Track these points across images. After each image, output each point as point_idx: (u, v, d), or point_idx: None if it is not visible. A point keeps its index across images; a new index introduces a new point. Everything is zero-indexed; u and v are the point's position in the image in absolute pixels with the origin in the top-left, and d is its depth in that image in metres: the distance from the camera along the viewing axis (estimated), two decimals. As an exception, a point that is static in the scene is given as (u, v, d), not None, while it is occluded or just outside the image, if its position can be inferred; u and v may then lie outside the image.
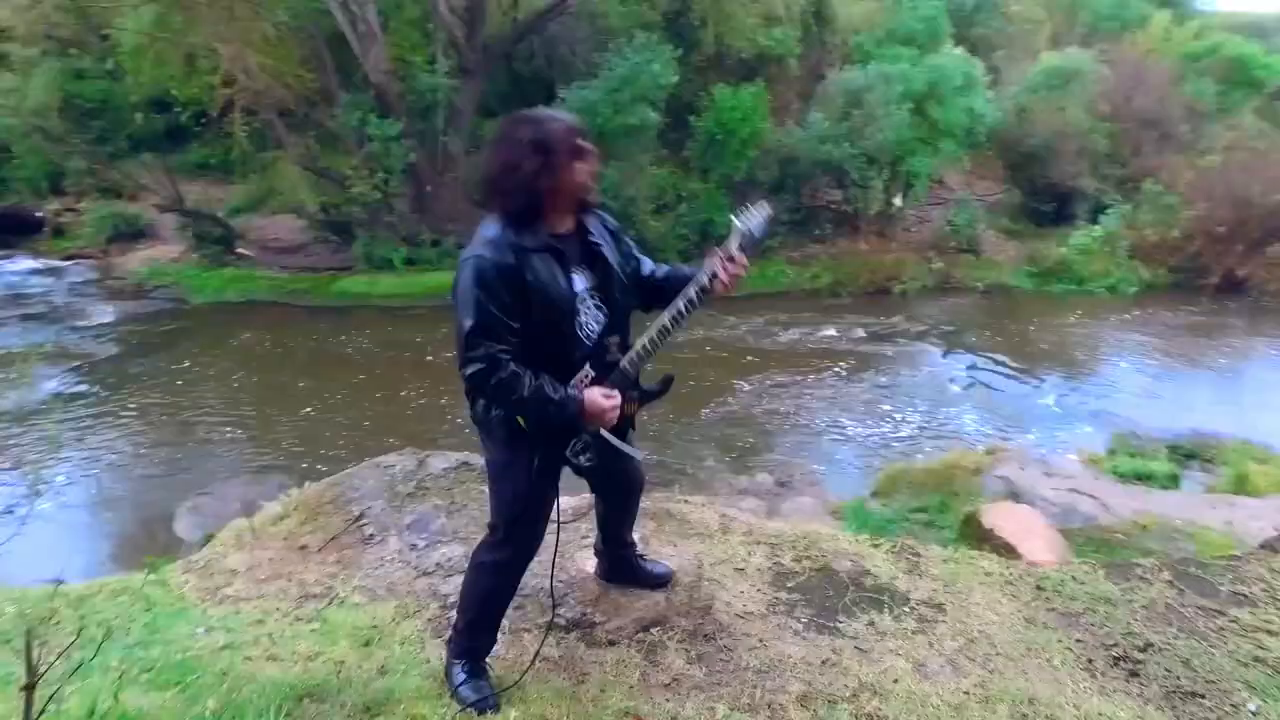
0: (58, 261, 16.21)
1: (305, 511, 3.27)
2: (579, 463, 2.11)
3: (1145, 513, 6.15)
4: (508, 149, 1.98)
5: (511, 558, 2.20)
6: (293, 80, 13.56)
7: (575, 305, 2.05)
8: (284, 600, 2.69)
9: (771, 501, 7.06)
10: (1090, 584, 2.83)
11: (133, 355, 11.49)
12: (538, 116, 2.03)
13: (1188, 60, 19.78)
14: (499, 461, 2.15)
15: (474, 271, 1.93)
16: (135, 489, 7.87)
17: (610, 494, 2.51)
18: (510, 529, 2.17)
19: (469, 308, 1.92)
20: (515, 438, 2.05)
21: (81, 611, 2.51)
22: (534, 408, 1.96)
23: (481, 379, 1.93)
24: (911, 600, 2.71)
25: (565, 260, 2.04)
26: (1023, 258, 15.66)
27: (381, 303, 13.53)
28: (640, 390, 2.20)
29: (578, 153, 1.99)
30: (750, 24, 14.92)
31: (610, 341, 2.12)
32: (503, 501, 2.17)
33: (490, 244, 1.96)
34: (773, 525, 3.25)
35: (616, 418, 2.04)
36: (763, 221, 2.09)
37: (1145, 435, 8.60)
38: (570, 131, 1.98)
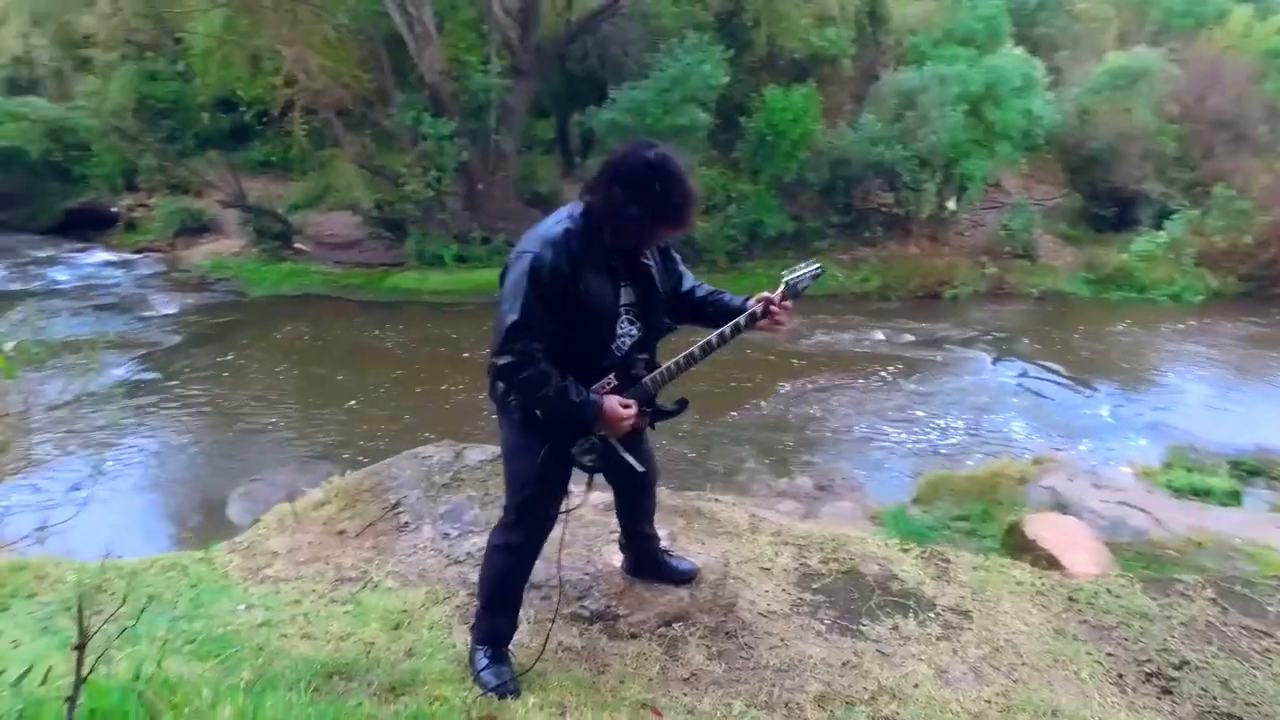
0: (129, 254, 16.99)
1: (345, 498, 3.38)
2: (582, 462, 2.18)
3: (1201, 530, 5.93)
4: (634, 186, 1.96)
5: (524, 540, 2.25)
6: (351, 80, 13.94)
7: (616, 317, 2.13)
8: (320, 582, 2.80)
9: (810, 505, 7.01)
10: (1126, 598, 2.77)
11: (193, 345, 11.95)
12: (674, 175, 1.98)
13: (1269, 57, 18.89)
14: (513, 444, 2.22)
15: (530, 268, 1.98)
16: (192, 473, 8.20)
17: (623, 487, 2.56)
18: (522, 510, 2.23)
19: (516, 301, 1.98)
20: (529, 423, 2.12)
21: (132, 584, 2.65)
22: (555, 406, 2.03)
23: (511, 372, 2.00)
24: (938, 606, 2.69)
25: (616, 275, 2.11)
26: (1080, 264, 15.20)
27: (431, 299, 13.81)
28: (655, 408, 2.27)
29: (680, 225, 2.05)
30: (804, 24, 14.79)
31: (638, 357, 2.20)
32: (515, 483, 2.24)
33: (551, 245, 2.00)
34: (802, 526, 3.24)
35: (630, 428, 2.12)
36: (808, 277, 2.18)
37: (1205, 449, 8.28)
38: (687, 209, 2.00)
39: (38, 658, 1.85)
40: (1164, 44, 18.83)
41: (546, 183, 16.60)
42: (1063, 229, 16.44)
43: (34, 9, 14.89)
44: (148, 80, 15.97)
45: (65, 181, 18.26)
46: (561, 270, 1.98)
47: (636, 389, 2.17)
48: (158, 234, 17.26)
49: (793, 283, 2.15)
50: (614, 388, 2.14)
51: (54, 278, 15.39)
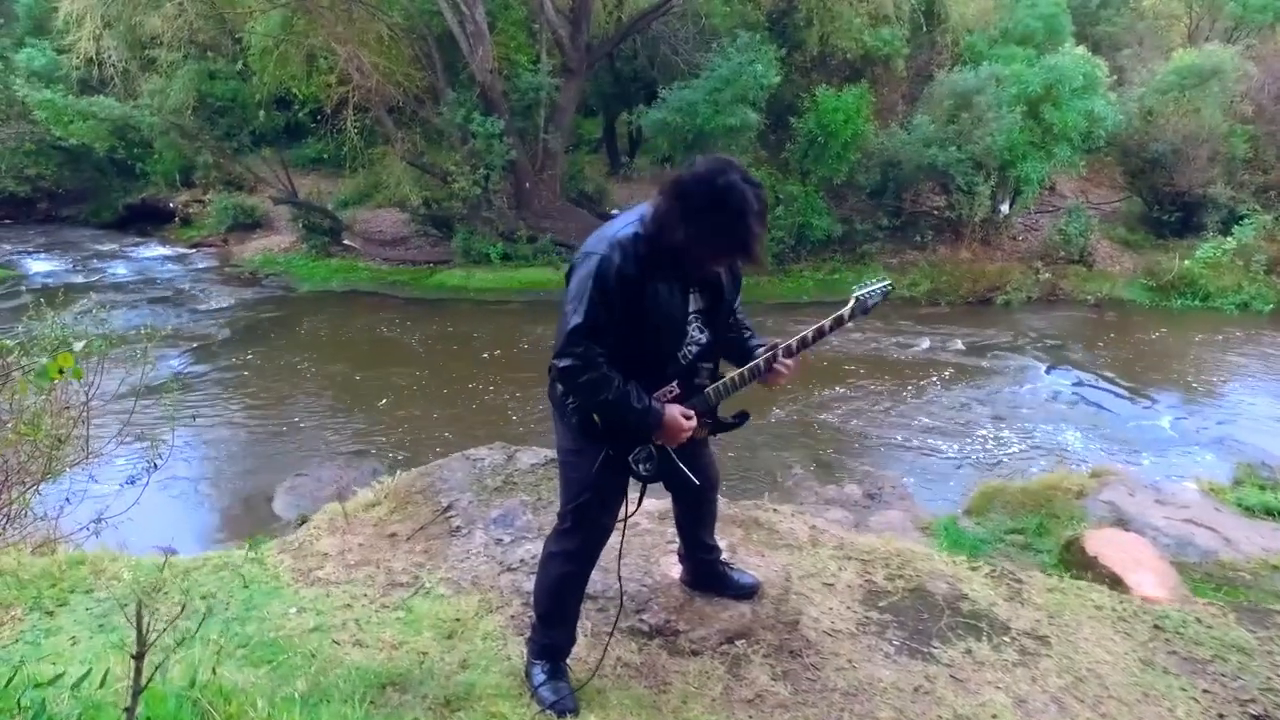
0: (184, 249, 17.46)
1: (395, 500, 3.35)
2: (637, 470, 2.12)
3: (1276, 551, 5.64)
4: (692, 209, 1.87)
5: (580, 546, 2.19)
6: (402, 78, 14.08)
7: (685, 326, 2.07)
8: (371, 586, 2.76)
9: (859, 513, 6.83)
10: (1219, 628, 2.59)
11: (242, 339, 12.17)
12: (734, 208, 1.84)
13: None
14: (569, 448, 2.17)
15: (597, 270, 1.92)
16: (241, 467, 8.32)
17: (683, 495, 2.49)
18: (578, 517, 2.17)
19: (581, 303, 1.92)
20: (587, 428, 2.06)
21: (186, 583, 2.64)
22: (615, 411, 1.98)
23: (572, 375, 1.94)
24: (1012, 630, 2.55)
25: (686, 281, 2.05)
26: (1140, 270, 14.65)
27: (476, 296, 13.88)
28: (715, 420, 2.21)
29: (733, 256, 2.01)
30: (857, 23, 14.49)
31: (703, 366, 2.15)
32: (571, 489, 2.18)
33: (621, 248, 1.94)
34: (864, 540, 3.12)
35: (687, 437, 2.07)
36: (879, 293, 2.15)
37: (1278, 466, 7.89)
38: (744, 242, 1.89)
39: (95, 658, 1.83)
40: (1239, 41, 18.07)
41: (593, 182, 16.59)
42: (1121, 234, 15.88)
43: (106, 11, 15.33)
44: (208, 79, 16.38)
45: (127, 178, 18.86)
46: (629, 274, 1.91)
47: (699, 398, 2.11)
48: (212, 229, 17.70)
49: (863, 299, 2.11)
50: (675, 396, 2.07)
51: (114, 271, 15.86)
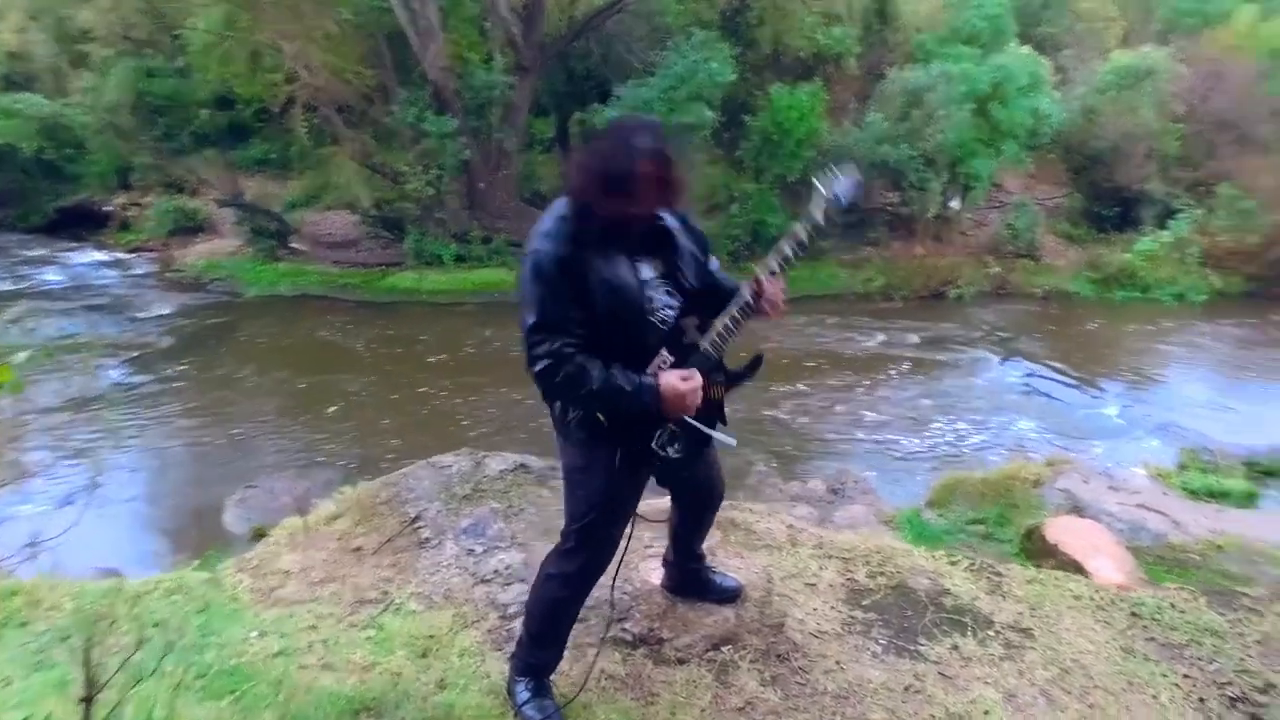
0: (122, 254, 16.72)
1: (359, 511, 3.21)
2: (668, 455, 1.97)
3: (1221, 532, 5.81)
4: (599, 160, 1.86)
5: (582, 567, 2.09)
6: (352, 76, 13.71)
7: (643, 293, 1.94)
8: (338, 605, 2.63)
9: (824, 509, 6.86)
10: (1192, 613, 2.63)
11: (186, 346, 11.73)
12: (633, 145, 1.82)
13: (1273, 57, 18.81)
14: (576, 465, 2.05)
15: (532, 266, 1.86)
16: (186, 480, 8.00)
17: (689, 503, 2.39)
18: (584, 536, 2.06)
19: (530, 303, 1.85)
20: (595, 438, 1.95)
21: (137, 610, 2.47)
22: (607, 400, 1.86)
23: (549, 375, 1.84)
24: (996, 623, 2.54)
25: (629, 249, 1.93)
26: (1084, 263, 15.11)
27: (429, 298, 13.63)
28: (726, 373, 2.05)
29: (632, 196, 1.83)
30: (810, 22, 14.62)
31: (687, 323, 1.98)
32: (577, 507, 2.07)
33: (547, 236, 1.87)
34: (843, 538, 3.09)
35: (699, 401, 1.90)
36: (851, 186, 1.90)
37: (1218, 450, 8.16)
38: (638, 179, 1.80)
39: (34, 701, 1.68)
40: (1170, 43, 18.74)
41: (546, 181, 16.42)
42: (1065, 229, 16.35)
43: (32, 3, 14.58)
44: (145, 76, 15.70)
45: (58, 180, 17.93)
46: (564, 257, 1.84)
47: (696, 357, 1.95)
48: (151, 233, 16.97)
49: (831, 195, 1.87)
50: (670, 365, 1.92)
51: (45, 278, 15.09)
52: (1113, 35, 21.03)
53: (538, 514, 3.15)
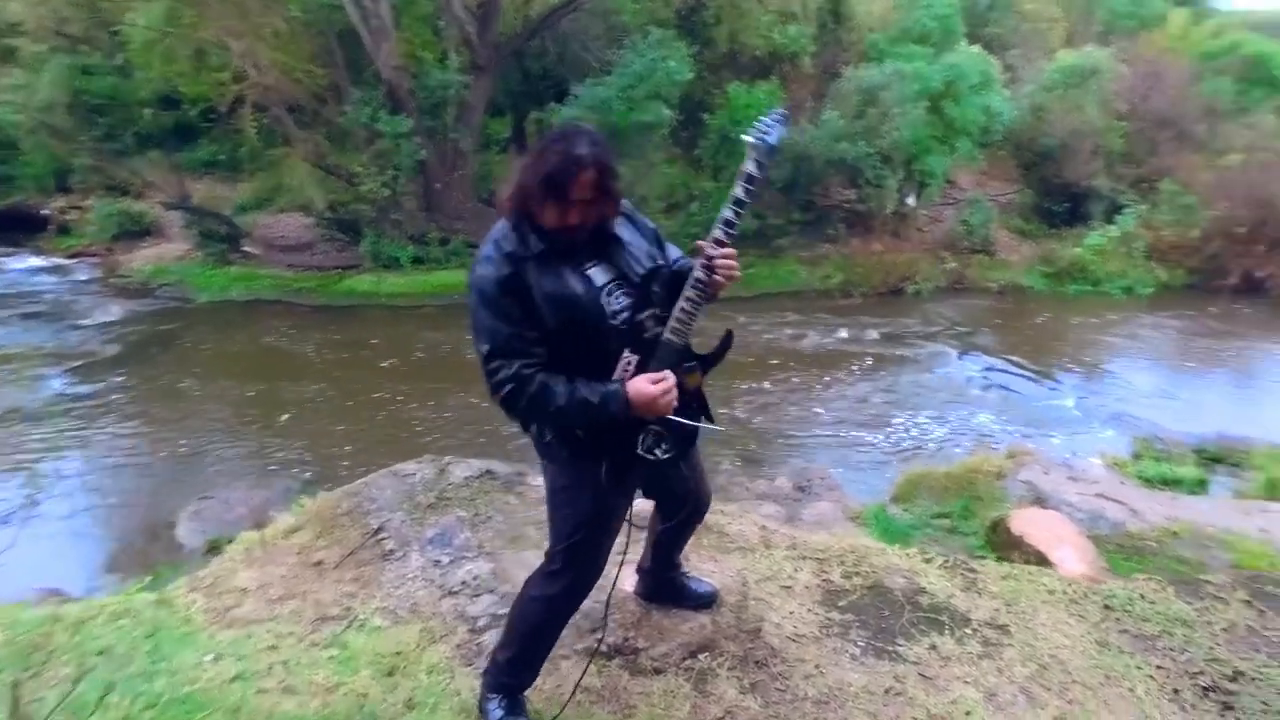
0: (62, 259, 16.06)
1: (320, 524, 3.09)
2: (656, 457, 1.88)
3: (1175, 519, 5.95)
4: (533, 161, 1.79)
5: (568, 588, 2.01)
6: (303, 76, 13.36)
7: (598, 300, 1.84)
8: (298, 623, 2.51)
9: (791, 507, 6.87)
10: (1161, 603, 2.65)
11: (134, 355, 11.32)
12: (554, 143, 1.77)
13: (1205, 59, 19.53)
14: (561, 485, 1.97)
15: (476, 294, 1.80)
16: (136, 493, 7.69)
17: (675, 512, 2.31)
18: (570, 556, 1.98)
19: (482, 332, 1.79)
20: (579, 455, 1.88)
21: (78, 638, 2.32)
22: (577, 414, 1.79)
23: (513, 400, 1.78)
24: (973, 621, 2.53)
25: (576, 257, 1.85)
26: (1037, 258, 15.44)
27: (388, 302, 13.38)
28: (697, 358, 1.96)
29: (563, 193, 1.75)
30: (766, 21, 14.69)
31: (643, 318, 1.87)
32: (563, 526, 1.98)
33: (487, 261, 1.82)
34: (816, 538, 3.06)
35: (674, 399, 1.81)
36: (777, 124, 1.81)
37: (1170, 439, 8.39)
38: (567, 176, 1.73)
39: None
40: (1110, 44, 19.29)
41: (504, 181, 16.24)
42: (1018, 224, 16.69)
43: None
44: (81, 74, 15.10)
45: (-12, 182, 17.23)
46: (504, 276, 1.77)
47: (661, 350, 1.85)
48: (94, 237, 16.33)
49: (761, 142, 1.79)
50: (637, 364, 1.83)
51: (-24, 285, 14.50)
52: (1056, 36, 21.58)
53: (505, 521, 3.07)
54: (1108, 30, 21.86)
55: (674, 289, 1.89)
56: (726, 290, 1.89)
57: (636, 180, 13.05)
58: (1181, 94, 17.49)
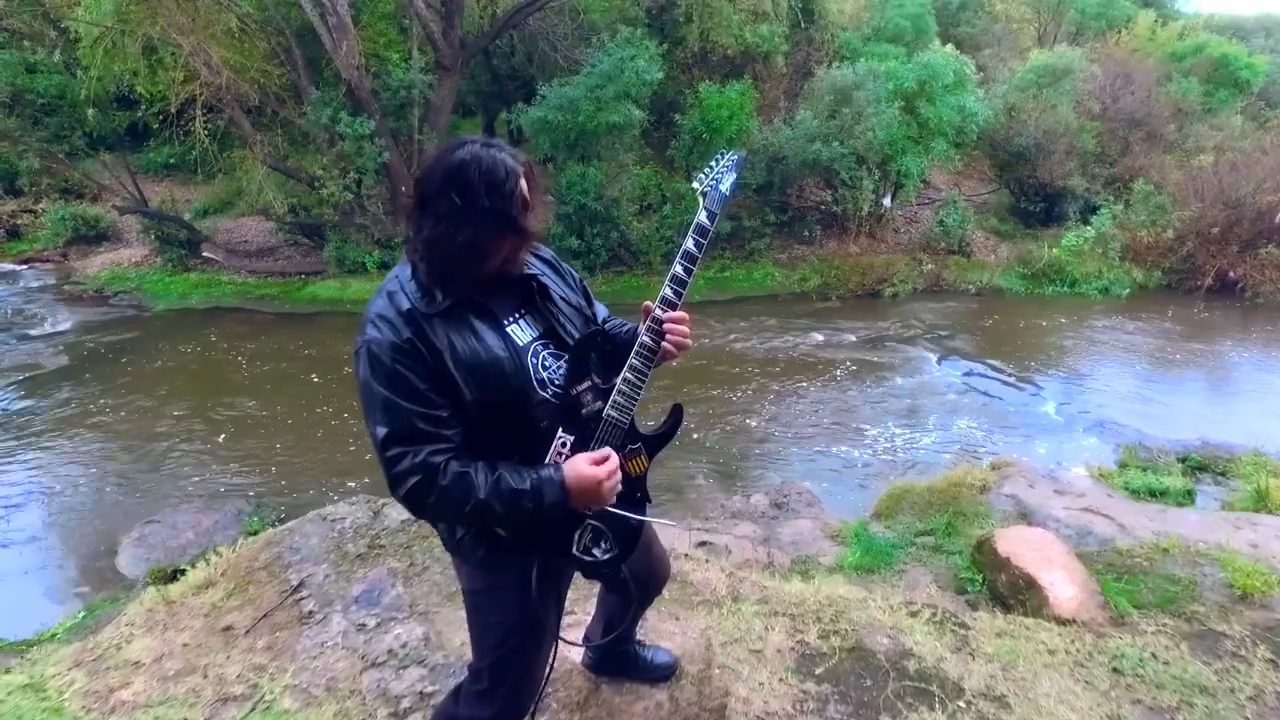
0: (12, 265, 15.50)
1: (234, 579, 2.74)
2: (595, 558, 1.58)
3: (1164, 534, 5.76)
4: (445, 193, 1.41)
5: (500, 712, 1.67)
6: (259, 76, 12.90)
7: (524, 363, 1.52)
8: (195, 705, 2.17)
9: (768, 525, 6.57)
10: (1176, 665, 2.38)
11: (84, 366, 10.82)
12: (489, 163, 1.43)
13: (1173, 60, 19.66)
14: (478, 587, 1.63)
15: (366, 362, 1.42)
16: (77, 517, 7.23)
17: (626, 593, 1.95)
18: (498, 673, 1.65)
19: (375, 410, 1.41)
20: (496, 556, 1.53)
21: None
22: (502, 509, 1.43)
23: (418, 495, 1.41)
24: (967, 691, 2.24)
25: (492, 314, 1.51)
26: (1013, 259, 15.34)
27: (354, 308, 12.94)
28: (643, 438, 1.66)
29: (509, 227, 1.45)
30: (737, 20, 14.44)
31: (580, 391, 1.56)
32: (487, 638, 1.65)
33: (379, 321, 1.43)
34: (790, 589, 2.76)
35: (618, 486, 1.52)
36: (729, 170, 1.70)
37: (1155, 447, 8.23)
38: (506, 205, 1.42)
39: None
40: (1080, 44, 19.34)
41: (402, 223, 15.92)
42: (994, 224, 16.62)
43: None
44: (24, 72, 14.52)
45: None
46: (403, 340, 1.41)
47: (603, 429, 1.56)
48: (47, 242, 15.78)
49: (713, 190, 1.65)
50: (572, 447, 1.52)
51: (-83, 293, 13.88)
52: (1028, 36, 21.64)
53: (443, 573, 2.74)
54: (1078, 31, 21.95)
55: (611, 357, 1.60)
56: (678, 356, 1.61)
57: (608, 183, 12.74)
58: (1151, 94, 17.54)
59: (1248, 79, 19.71)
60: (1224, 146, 16.88)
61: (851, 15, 17.13)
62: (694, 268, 1.62)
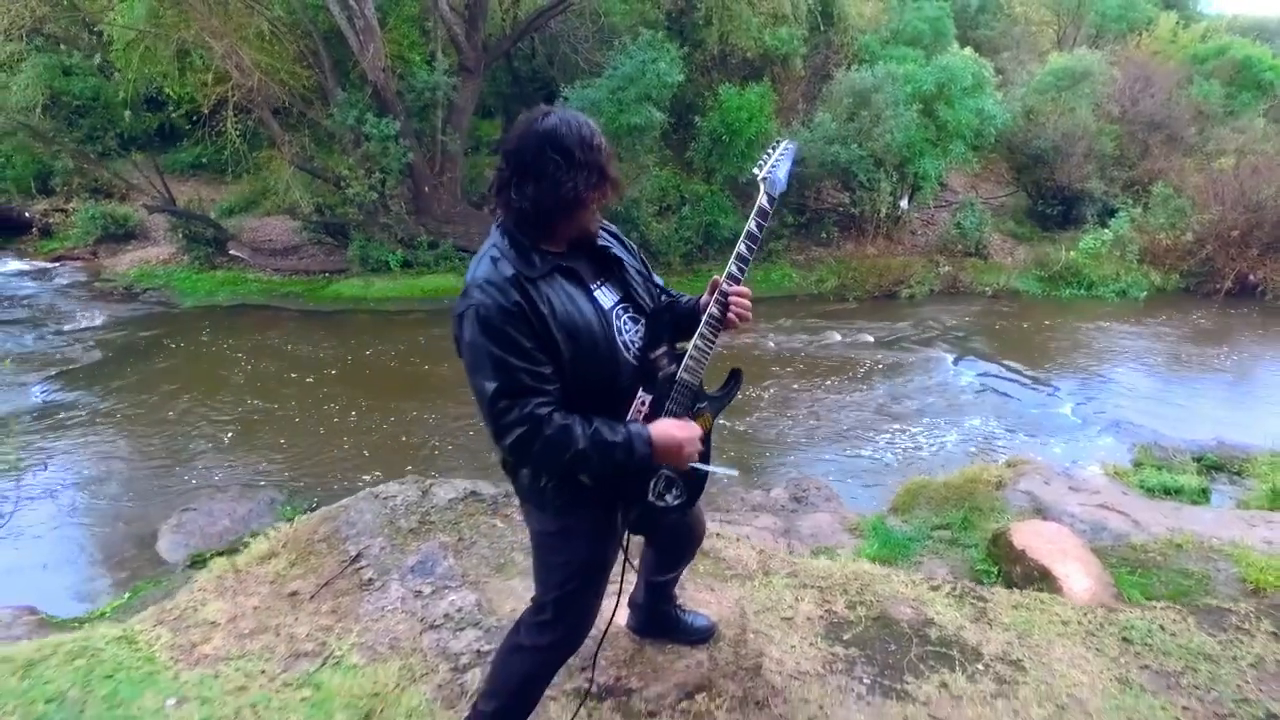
0: (44, 263, 15.85)
1: (295, 550, 2.93)
2: (667, 504, 1.77)
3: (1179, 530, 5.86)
4: (540, 158, 1.58)
5: (561, 640, 1.85)
6: (288, 77, 13.18)
7: (611, 325, 1.70)
8: (270, 660, 2.36)
9: (788, 519, 6.73)
10: (1182, 636, 2.52)
11: (118, 360, 11.11)
12: (576, 125, 1.60)
13: (1195, 62, 19.59)
14: (552, 530, 1.80)
15: (477, 323, 1.57)
16: (117, 505, 7.48)
17: (669, 547, 2.16)
18: (562, 606, 1.82)
19: (484, 367, 1.56)
20: (578, 501, 1.70)
21: (28, 682, 2.16)
22: (597, 459, 1.59)
23: (525, 445, 1.57)
24: (985, 656, 2.40)
25: (581, 278, 1.69)
26: (1030, 261, 15.38)
27: (376, 306, 13.21)
28: (709, 398, 1.86)
29: (602, 184, 1.63)
30: (756, 23, 14.59)
31: (657, 355, 1.75)
32: (554, 574, 1.82)
33: (487, 285, 1.58)
34: (818, 565, 2.93)
35: (698, 449, 1.72)
36: (788, 159, 1.81)
37: (1170, 446, 8.30)
38: (596, 162, 1.60)
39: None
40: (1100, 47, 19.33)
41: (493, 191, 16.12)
42: (1011, 227, 16.66)
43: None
44: (61, 75, 14.87)
45: (-37, 184, 16.97)
46: (513, 304, 1.56)
47: (677, 390, 1.74)
48: (77, 240, 16.12)
49: (773, 176, 1.76)
50: (651, 403, 1.71)
51: (-45, 290, 14.25)
52: (1047, 38, 21.62)
53: (490, 547, 2.92)
54: (1098, 33, 21.91)
55: (677, 325, 1.80)
56: (739, 327, 1.79)
57: (628, 183, 12.95)
58: (1172, 97, 17.51)
59: (1272, 81, 19.62)
60: (1245, 149, 16.82)
61: (870, 18, 17.24)
62: (756, 247, 1.77)
